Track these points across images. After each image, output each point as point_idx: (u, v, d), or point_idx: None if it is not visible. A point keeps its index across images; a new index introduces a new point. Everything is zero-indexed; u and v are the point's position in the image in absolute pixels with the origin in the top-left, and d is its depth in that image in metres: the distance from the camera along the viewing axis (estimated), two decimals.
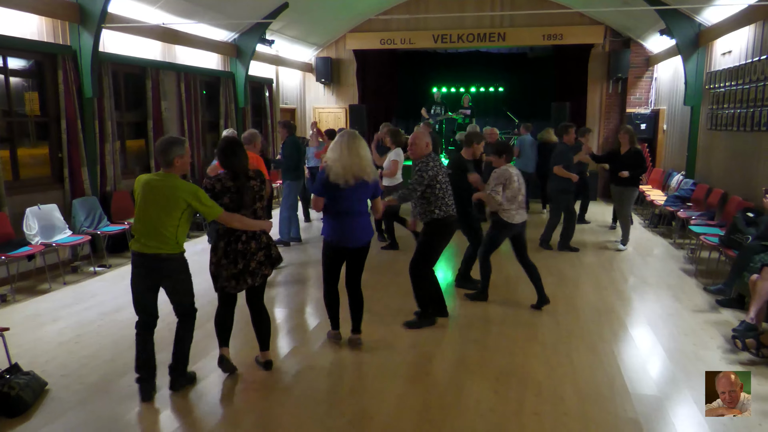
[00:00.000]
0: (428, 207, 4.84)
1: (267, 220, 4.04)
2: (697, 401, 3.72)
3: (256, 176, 3.95)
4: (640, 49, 12.43)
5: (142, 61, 8.41)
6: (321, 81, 14.07)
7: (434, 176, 4.78)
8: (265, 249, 3.99)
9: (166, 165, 3.67)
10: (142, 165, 8.77)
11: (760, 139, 7.02)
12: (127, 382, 3.99)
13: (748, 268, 5.24)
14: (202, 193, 3.70)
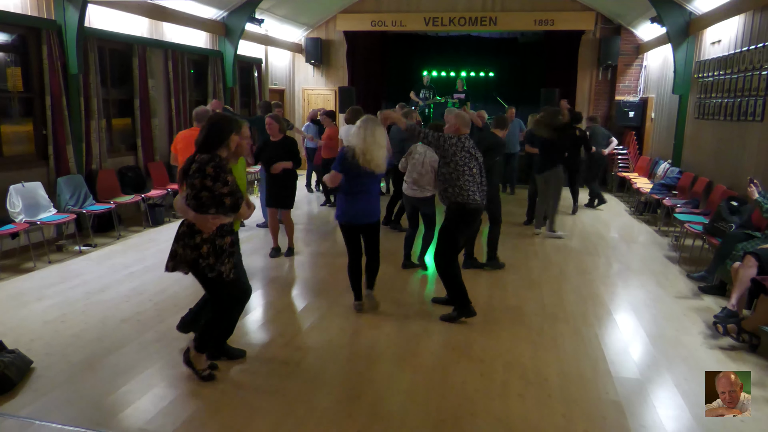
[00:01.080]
0: (446, 188, 4.81)
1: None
2: (677, 385, 3.80)
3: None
4: (631, 37, 12.44)
5: (128, 38, 8.26)
6: (311, 62, 13.94)
7: (452, 154, 4.69)
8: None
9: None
10: (128, 143, 8.66)
11: (746, 129, 7.09)
12: (113, 361, 3.99)
13: (730, 256, 5.32)
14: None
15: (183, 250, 3.51)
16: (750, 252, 4.79)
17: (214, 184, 3.40)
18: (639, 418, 3.42)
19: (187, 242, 3.48)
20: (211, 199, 3.43)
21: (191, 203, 3.46)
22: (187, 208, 3.48)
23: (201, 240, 3.47)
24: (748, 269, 4.65)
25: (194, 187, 3.43)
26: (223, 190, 3.42)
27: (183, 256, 3.52)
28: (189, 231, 3.50)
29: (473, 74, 15.69)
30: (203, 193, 3.42)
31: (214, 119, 3.60)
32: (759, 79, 6.75)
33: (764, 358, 4.20)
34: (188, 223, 3.50)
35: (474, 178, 4.73)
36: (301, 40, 14.05)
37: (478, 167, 4.78)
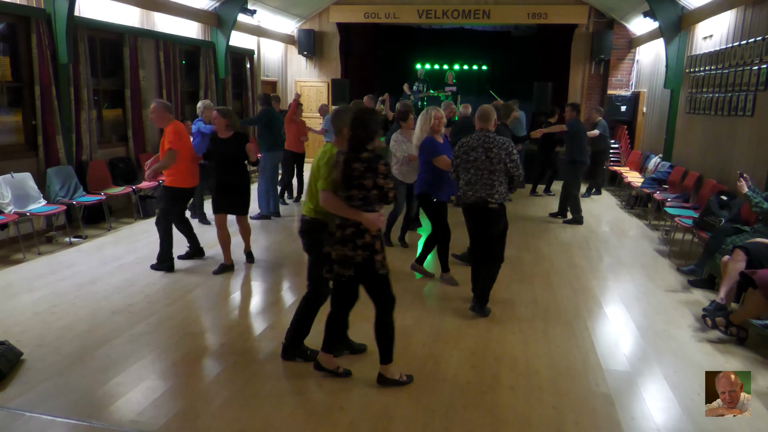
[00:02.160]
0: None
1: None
2: (666, 377, 3.84)
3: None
4: (623, 31, 12.47)
5: (119, 27, 8.18)
6: (303, 54, 13.87)
7: (456, 152, 4.82)
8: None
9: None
10: (119, 134, 8.60)
11: (737, 124, 7.14)
12: (104, 353, 3.97)
13: (720, 250, 5.37)
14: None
15: (353, 251, 3.42)
16: (739, 246, 4.83)
17: (385, 180, 3.39)
18: (629, 410, 3.46)
19: (358, 243, 3.41)
20: (379, 197, 3.41)
21: (357, 204, 3.41)
22: (354, 209, 3.41)
23: (371, 238, 3.43)
24: (737, 263, 4.70)
25: (365, 187, 3.37)
26: (389, 185, 3.42)
27: (352, 258, 3.43)
28: (357, 231, 3.42)
29: (466, 67, 15.66)
30: (373, 192, 3.39)
31: (359, 115, 3.47)
32: (750, 74, 6.79)
33: (752, 351, 4.25)
34: (352, 223, 3.42)
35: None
36: (293, 31, 13.96)
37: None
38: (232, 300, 5.13)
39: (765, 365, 4.05)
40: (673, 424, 3.32)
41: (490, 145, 4.61)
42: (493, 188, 4.61)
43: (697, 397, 3.59)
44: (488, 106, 4.89)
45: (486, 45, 15.24)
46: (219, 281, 5.55)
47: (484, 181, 4.63)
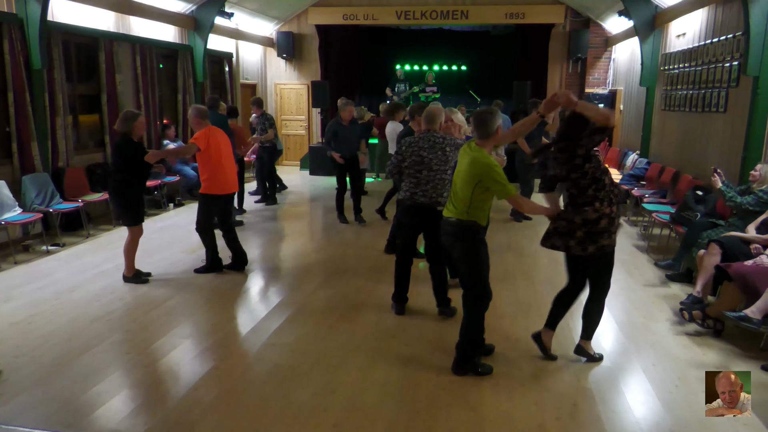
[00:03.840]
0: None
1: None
2: (645, 370, 3.90)
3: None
4: (600, 30, 12.63)
5: (94, 32, 8.07)
6: (282, 56, 13.82)
7: (402, 152, 4.69)
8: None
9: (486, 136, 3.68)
10: (96, 140, 8.49)
11: (710, 120, 7.27)
12: (83, 362, 3.92)
13: (696, 244, 5.47)
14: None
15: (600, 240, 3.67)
16: (714, 240, 4.93)
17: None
18: (609, 403, 3.50)
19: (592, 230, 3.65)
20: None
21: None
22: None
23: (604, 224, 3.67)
24: (713, 257, 4.79)
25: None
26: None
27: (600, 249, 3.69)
28: (596, 219, 3.63)
29: (446, 68, 15.75)
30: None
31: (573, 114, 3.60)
32: (722, 71, 6.92)
33: (728, 343, 4.33)
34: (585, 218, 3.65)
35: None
36: (272, 34, 13.91)
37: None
38: (213, 305, 5.09)
39: (741, 356, 4.13)
40: (652, 417, 3.38)
41: (443, 144, 4.55)
42: (444, 190, 4.57)
43: (675, 389, 3.66)
44: (437, 107, 4.75)
45: (465, 45, 15.35)
46: (200, 287, 5.51)
47: (436, 182, 4.57)
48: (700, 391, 3.62)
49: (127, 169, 5.34)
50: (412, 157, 4.62)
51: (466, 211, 3.72)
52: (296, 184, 11.78)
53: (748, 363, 4.02)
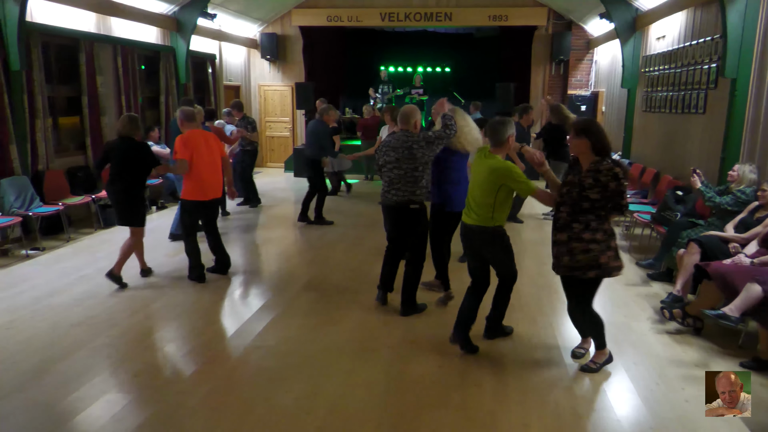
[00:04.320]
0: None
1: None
2: (627, 369, 3.94)
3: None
4: (581, 32, 12.76)
5: (74, 33, 7.98)
6: (266, 58, 13.76)
7: (379, 153, 4.81)
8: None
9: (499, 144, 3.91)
10: (77, 142, 8.38)
11: (690, 122, 7.38)
12: (64, 368, 3.87)
13: (676, 244, 5.55)
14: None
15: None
16: (693, 239, 5.00)
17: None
18: (591, 402, 3.54)
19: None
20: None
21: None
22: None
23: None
24: (692, 256, 4.86)
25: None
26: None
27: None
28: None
29: (430, 69, 15.80)
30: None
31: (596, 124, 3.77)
32: (701, 73, 7.03)
33: (707, 341, 4.39)
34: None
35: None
36: (256, 35, 13.85)
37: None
38: (196, 309, 5.05)
39: (720, 354, 4.19)
40: (633, 415, 3.42)
41: (410, 143, 4.57)
42: (415, 188, 4.62)
43: (655, 387, 3.70)
44: (411, 106, 4.80)
45: (449, 47, 15.42)
46: (183, 290, 5.46)
47: (406, 180, 4.61)
48: (680, 388, 3.69)
49: (128, 172, 5.37)
50: (384, 158, 4.70)
51: (490, 216, 3.97)
52: (281, 186, 11.74)
53: (727, 360, 4.09)
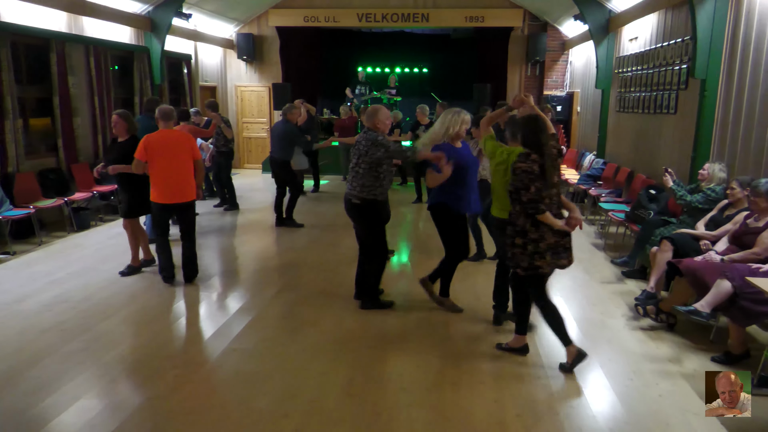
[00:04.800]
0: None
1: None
2: (602, 365, 4.00)
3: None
4: (557, 34, 12.90)
5: (45, 33, 7.82)
6: (243, 58, 13.66)
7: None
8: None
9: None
10: (48, 144, 8.22)
11: (662, 121, 7.51)
12: (34, 374, 3.79)
13: (649, 241, 5.64)
14: None
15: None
16: (666, 237, 5.09)
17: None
18: (567, 399, 3.58)
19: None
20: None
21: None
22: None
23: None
24: (665, 253, 4.95)
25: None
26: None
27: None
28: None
29: (408, 70, 15.83)
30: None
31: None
32: (672, 73, 7.16)
33: (680, 336, 4.47)
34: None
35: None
36: (232, 35, 13.74)
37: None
38: (172, 312, 4.99)
39: (692, 349, 4.27)
40: (608, 410, 3.46)
41: (361, 139, 4.74)
42: (358, 183, 4.71)
43: (630, 383, 3.76)
44: (375, 106, 4.88)
45: (426, 48, 15.48)
46: (158, 294, 5.39)
47: (354, 176, 4.75)
48: (654, 383, 3.75)
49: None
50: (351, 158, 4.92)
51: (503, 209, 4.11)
52: (258, 187, 11.66)
53: (699, 355, 4.17)
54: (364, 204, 4.73)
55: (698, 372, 3.90)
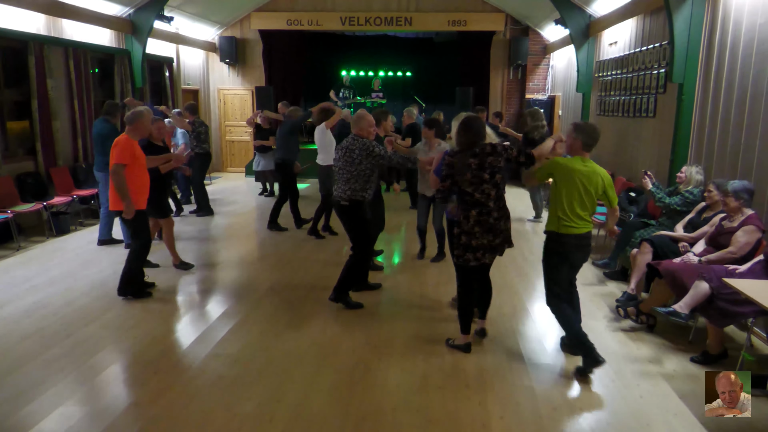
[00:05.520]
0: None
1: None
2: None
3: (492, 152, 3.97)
4: (538, 38, 13.03)
5: (22, 35, 7.71)
6: (225, 61, 13.59)
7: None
8: (506, 231, 4.15)
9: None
10: (26, 148, 8.09)
11: (641, 125, 7.63)
12: (12, 382, 3.73)
13: (629, 243, 5.72)
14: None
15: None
16: (646, 239, 5.17)
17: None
18: (550, 400, 3.61)
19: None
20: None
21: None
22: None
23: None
24: (644, 255, 5.03)
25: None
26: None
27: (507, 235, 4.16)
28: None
29: (391, 74, 15.90)
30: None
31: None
32: (650, 78, 7.28)
33: (660, 337, 4.54)
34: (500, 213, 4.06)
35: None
36: (214, 38, 13.66)
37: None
38: (154, 317, 4.94)
39: (672, 350, 4.34)
40: (590, 411, 3.50)
41: (353, 147, 4.86)
42: (347, 186, 4.89)
43: (611, 383, 3.81)
44: (361, 111, 5.09)
45: (409, 51, 15.55)
46: (138, 298, 5.33)
47: (342, 180, 4.92)
48: (635, 384, 3.81)
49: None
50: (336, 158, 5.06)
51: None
52: (242, 190, 11.60)
53: (678, 355, 4.24)
54: (351, 205, 4.90)
55: (677, 372, 3.97)
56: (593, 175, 3.86)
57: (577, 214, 3.87)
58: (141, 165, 5.18)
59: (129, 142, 5.07)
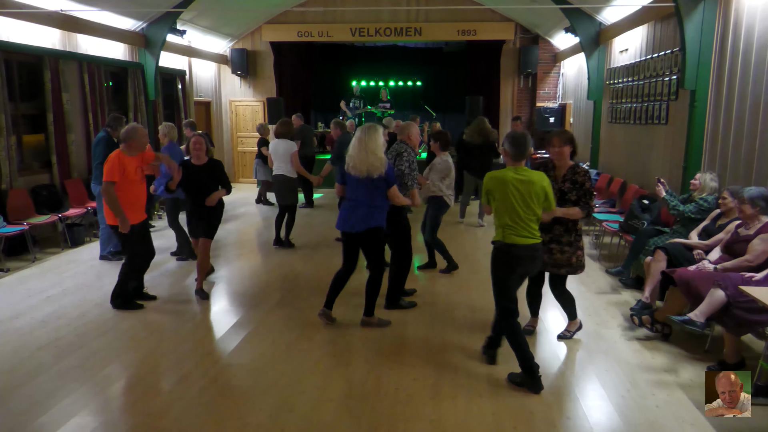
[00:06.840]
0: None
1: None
2: (598, 376, 4.00)
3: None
4: (548, 46, 13.03)
5: (38, 50, 7.84)
6: (237, 73, 13.72)
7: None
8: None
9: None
10: (41, 161, 8.21)
11: (654, 132, 7.58)
12: (28, 392, 3.76)
13: (643, 251, 5.66)
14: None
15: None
16: (660, 247, 5.11)
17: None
18: (564, 410, 3.57)
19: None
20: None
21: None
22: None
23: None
24: (659, 263, 4.97)
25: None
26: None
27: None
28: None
29: (401, 84, 15.95)
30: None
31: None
32: (662, 84, 7.24)
33: (675, 346, 4.48)
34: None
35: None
36: (226, 51, 13.81)
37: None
38: (166, 328, 4.96)
39: (687, 359, 4.28)
40: (606, 421, 3.46)
41: (392, 152, 5.17)
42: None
43: (627, 393, 3.76)
44: (408, 122, 5.41)
45: (419, 61, 15.61)
46: (153, 309, 5.37)
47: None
48: (651, 394, 3.75)
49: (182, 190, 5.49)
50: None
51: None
52: (251, 201, 11.65)
53: (695, 365, 4.17)
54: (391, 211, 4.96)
55: (694, 382, 3.91)
56: (528, 182, 3.82)
57: (518, 222, 3.81)
58: (131, 181, 5.10)
59: (119, 159, 5.00)
